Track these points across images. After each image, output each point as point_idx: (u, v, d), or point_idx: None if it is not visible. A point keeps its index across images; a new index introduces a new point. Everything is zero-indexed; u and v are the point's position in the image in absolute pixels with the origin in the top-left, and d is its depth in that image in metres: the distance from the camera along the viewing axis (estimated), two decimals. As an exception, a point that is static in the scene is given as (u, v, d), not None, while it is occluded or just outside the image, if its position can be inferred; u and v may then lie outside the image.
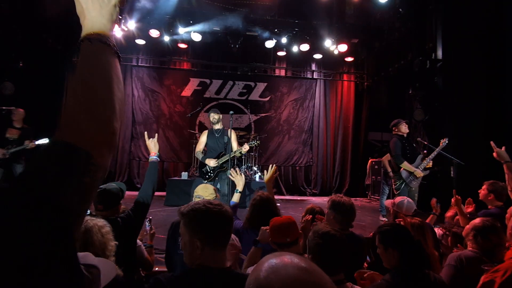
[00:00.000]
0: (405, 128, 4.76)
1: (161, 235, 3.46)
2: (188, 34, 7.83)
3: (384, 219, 5.45)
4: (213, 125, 4.71)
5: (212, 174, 4.53)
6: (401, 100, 7.89)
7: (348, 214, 2.38)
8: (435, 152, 4.52)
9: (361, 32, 8.40)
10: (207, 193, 2.45)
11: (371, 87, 9.35)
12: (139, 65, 8.68)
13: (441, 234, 2.74)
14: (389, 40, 7.95)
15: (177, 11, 7.33)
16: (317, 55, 8.76)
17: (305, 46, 8.26)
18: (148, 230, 2.72)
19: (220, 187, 4.48)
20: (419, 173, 4.47)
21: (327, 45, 8.12)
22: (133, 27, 7.49)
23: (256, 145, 4.74)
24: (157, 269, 2.74)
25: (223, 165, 4.49)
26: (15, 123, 5.26)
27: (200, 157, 4.61)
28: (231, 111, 4.22)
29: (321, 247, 1.53)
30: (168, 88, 8.79)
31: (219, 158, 4.52)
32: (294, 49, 8.39)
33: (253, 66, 8.79)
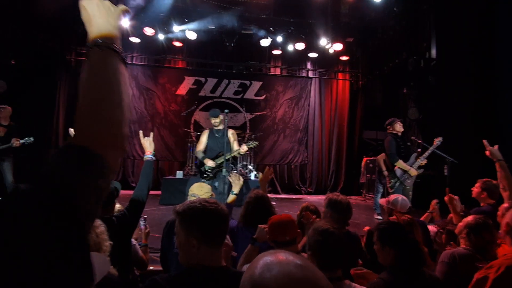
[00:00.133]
0: (399, 127, 4.79)
1: (156, 234, 3.45)
2: (183, 32, 7.79)
3: (378, 217, 5.49)
4: (215, 127, 4.73)
5: (210, 173, 4.57)
6: (396, 98, 7.95)
7: (344, 212, 2.39)
8: (429, 150, 4.57)
9: (356, 31, 8.43)
10: (202, 191, 2.44)
11: (366, 86, 9.39)
12: (134, 63, 8.61)
13: (435, 232, 2.77)
14: (383, 39, 7.99)
15: (172, 9, 7.28)
16: (313, 54, 8.76)
17: (300, 45, 8.27)
18: (143, 229, 2.70)
19: (218, 185, 4.49)
20: (413, 172, 4.51)
21: (322, 44, 8.12)
22: (127, 25, 7.42)
23: (254, 146, 4.77)
24: (151, 268, 2.73)
25: (220, 165, 4.51)
26: (1, 121, 5.16)
27: (200, 156, 4.65)
28: (226, 110, 4.22)
29: (320, 244, 1.54)
30: (163, 86, 8.74)
31: (217, 158, 4.54)
32: (289, 47, 8.39)
33: (249, 64, 8.77)
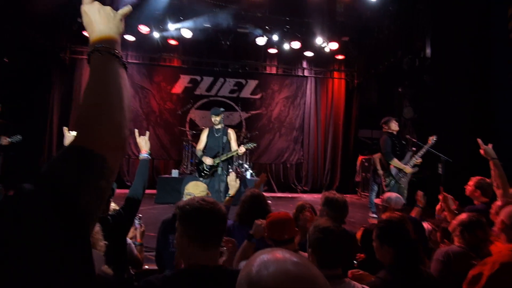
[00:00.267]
0: (395, 125, 4.82)
1: (151, 233, 3.43)
2: (178, 30, 7.74)
3: (373, 215, 5.52)
4: (215, 125, 4.75)
5: (208, 172, 4.62)
6: (391, 97, 7.98)
7: (341, 210, 2.41)
8: (424, 149, 4.60)
9: (351, 30, 8.44)
10: (198, 190, 2.43)
11: (362, 84, 9.43)
12: (128, 61, 8.52)
13: (430, 229, 2.79)
14: (379, 38, 8.01)
15: (167, 7, 7.23)
16: (308, 53, 8.75)
17: (296, 43, 8.26)
18: (138, 228, 2.69)
19: (215, 184, 4.56)
20: (409, 169, 4.54)
21: (318, 43, 8.12)
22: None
23: (252, 147, 4.81)
24: (146, 267, 2.72)
25: (218, 164, 4.57)
26: None
27: (199, 154, 4.71)
28: (222, 108, 4.22)
29: (321, 242, 1.54)
30: (158, 85, 8.69)
31: (216, 157, 4.59)
32: (285, 46, 8.38)
33: (244, 63, 8.76)
